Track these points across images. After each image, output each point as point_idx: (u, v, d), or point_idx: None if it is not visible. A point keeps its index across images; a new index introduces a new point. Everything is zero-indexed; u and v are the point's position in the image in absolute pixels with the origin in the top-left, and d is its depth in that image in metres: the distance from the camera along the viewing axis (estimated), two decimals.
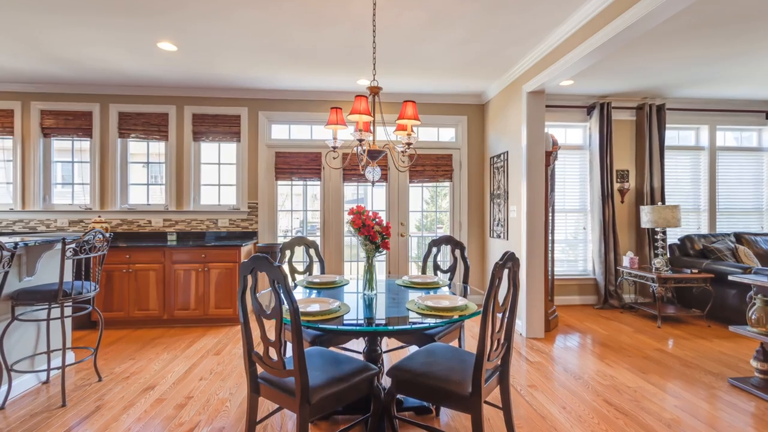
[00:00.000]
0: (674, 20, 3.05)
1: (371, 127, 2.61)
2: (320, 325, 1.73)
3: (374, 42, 2.74)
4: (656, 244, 4.60)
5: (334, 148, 2.62)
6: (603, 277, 4.93)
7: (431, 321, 1.81)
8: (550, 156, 4.03)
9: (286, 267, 5.40)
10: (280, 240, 4.98)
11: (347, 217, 2.43)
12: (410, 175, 5.02)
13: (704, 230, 5.36)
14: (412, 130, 2.50)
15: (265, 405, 2.51)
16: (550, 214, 4.16)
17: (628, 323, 4.30)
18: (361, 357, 3.15)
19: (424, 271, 3.18)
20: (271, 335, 3.88)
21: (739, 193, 5.44)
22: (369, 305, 2.14)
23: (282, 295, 1.58)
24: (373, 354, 2.22)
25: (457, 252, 4.95)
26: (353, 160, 4.87)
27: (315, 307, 1.96)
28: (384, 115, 4.89)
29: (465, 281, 2.89)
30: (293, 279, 3.03)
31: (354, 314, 1.95)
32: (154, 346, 3.55)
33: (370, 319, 1.89)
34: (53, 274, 2.94)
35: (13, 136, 4.56)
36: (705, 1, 2.78)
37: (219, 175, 4.91)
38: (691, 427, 2.25)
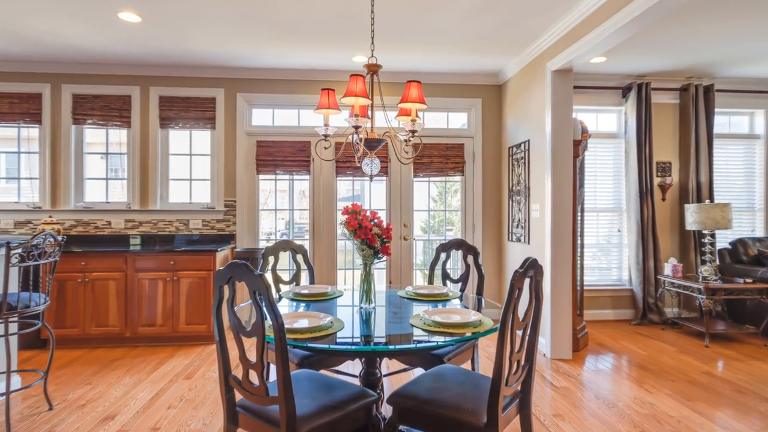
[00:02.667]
0: None
1: (369, 112, 2.61)
2: (309, 344, 1.74)
3: (372, 12, 2.74)
4: (703, 248, 4.60)
5: (326, 136, 2.62)
6: (641, 287, 4.93)
7: (439, 339, 1.81)
8: (578, 145, 4.03)
9: (269, 276, 5.39)
10: (262, 244, 4.98)
11: (341, 218, 2.42)
12: (415, 168, 5.02)
13: (760, 233, 5.36)
14: (416, 116, 2.49)
15: None
16: (579, 214, 4.16)
17: (671, 342, 4.31)
18: (357, 381, 3.14)
19: (431, 281, 3.18)
20: (252, 356, 3.87)
21: None
22: (366, 321, 2.14)
23: (264, 308, 1.58)
24: (371, 378, 2.21)
25: (470, 258, 4.93)
26: (348, 150, 4.87)
27: (303, 323, 1.95)
28: (384, 98, 4.89)
29: (479, 292, 2.89)
30: (278, 290, 3.04)
31: (349, 331, 1.94)
32: (114, 369, 3.55)
33: (367, 337, 1.89)
34: None
35: None
36: None
37: (191, 169, 4.91)
38: None
